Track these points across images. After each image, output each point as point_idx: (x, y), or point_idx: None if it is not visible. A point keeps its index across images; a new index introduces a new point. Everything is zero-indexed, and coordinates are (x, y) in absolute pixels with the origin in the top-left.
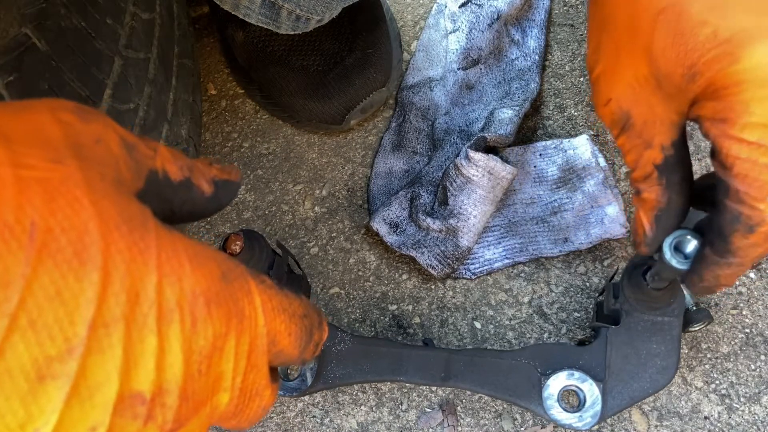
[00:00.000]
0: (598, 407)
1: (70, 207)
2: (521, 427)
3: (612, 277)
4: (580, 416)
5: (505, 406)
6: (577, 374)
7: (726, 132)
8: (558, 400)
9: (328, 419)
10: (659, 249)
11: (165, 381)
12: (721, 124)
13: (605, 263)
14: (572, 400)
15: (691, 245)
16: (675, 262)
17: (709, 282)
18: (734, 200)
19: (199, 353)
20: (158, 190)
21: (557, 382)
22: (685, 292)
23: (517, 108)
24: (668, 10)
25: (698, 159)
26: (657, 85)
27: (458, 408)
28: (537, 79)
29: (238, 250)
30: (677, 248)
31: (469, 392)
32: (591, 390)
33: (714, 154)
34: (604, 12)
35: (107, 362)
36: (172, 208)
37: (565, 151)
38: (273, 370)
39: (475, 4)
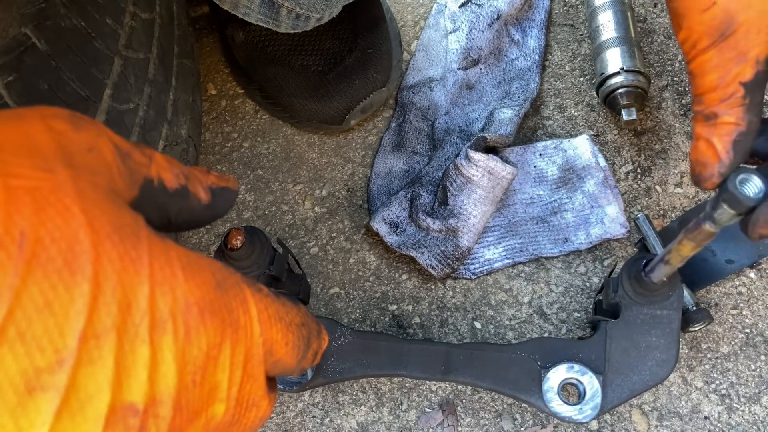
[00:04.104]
0: (598, 400)
1: (60, 216)
2: (521, 427)
3: (611, 273)
4: (580, 409)
5: (505, 406)
6: (576, 367)
7: None
8: (558, 393)
9: (328, 419)
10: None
11: (158, 392)
12: None
13: (605, 263)
14: (572, 393)
15: (755, 185)
16: (746, 192)
17: None
18: None
19: (193, 363)
20: (154, 199)
21: (557, 375)
22: (685, 291)
23: (517, 108)
24: None
25: None
26: None
27: (458, 408)
28: (537, 79)
29: (239, 245)
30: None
31: (469, 392)
32: (591, 382)
33: None
34: None
35: (98, 373)
36: (169, 217)
37: (565, 151)
38: (270, 380)
39: (475, 4)
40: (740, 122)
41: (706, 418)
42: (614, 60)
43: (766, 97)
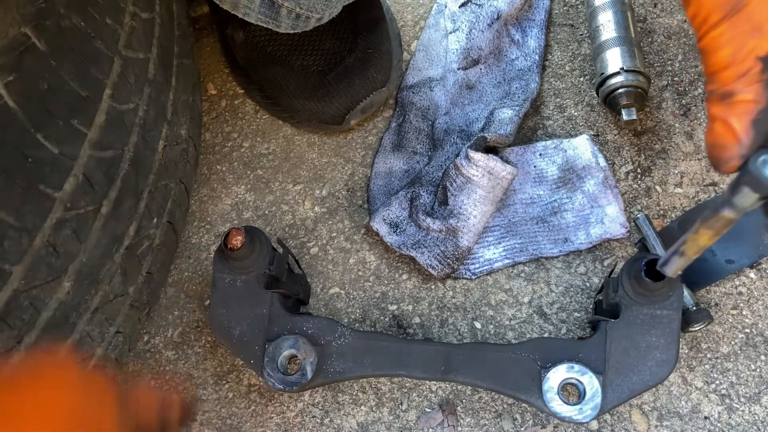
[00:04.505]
0: (598, 400)
1: None
2: (521, 427)
3: (611, 273)
4: (580, 409)
5: (505, 406)
6: (576, 367)
7: None
8: (558, 393)
9: (328, 419)
10: (743, 167)
11: None
12: None
13: (605, 263)
14: (572, 393)
15: None
16: None
17: None
18: None
19: None
20: None
21: (557, 375)
22: (685, 291)
23: (517, 108)
24: None
25: (698, 159)
26: None
27: (458, 408)
28: (537, 79)
29: (239, 245)
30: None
31: (469, 392)
32: (591, 382)
33: None
34: None
35: None
36: None
37: (565, 151)
38: None
39: (475, 4)
40: (760, 99)
41: (706, 418)
42: (614, 60)
43: None
